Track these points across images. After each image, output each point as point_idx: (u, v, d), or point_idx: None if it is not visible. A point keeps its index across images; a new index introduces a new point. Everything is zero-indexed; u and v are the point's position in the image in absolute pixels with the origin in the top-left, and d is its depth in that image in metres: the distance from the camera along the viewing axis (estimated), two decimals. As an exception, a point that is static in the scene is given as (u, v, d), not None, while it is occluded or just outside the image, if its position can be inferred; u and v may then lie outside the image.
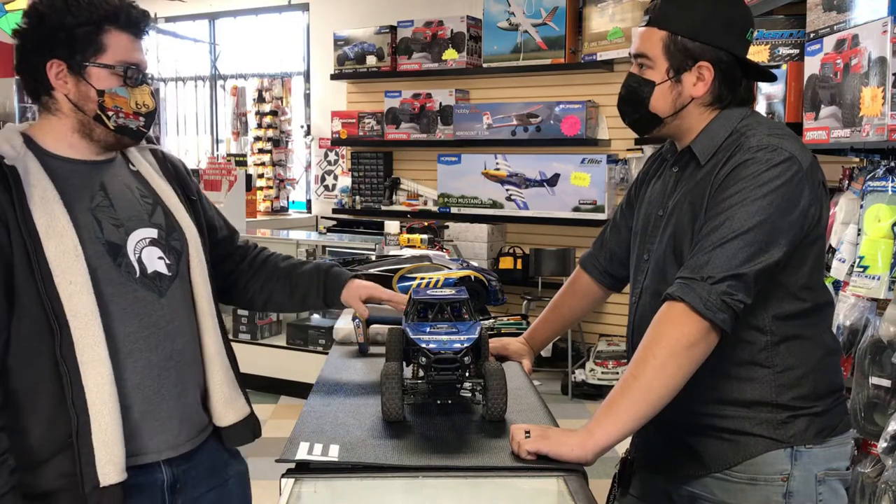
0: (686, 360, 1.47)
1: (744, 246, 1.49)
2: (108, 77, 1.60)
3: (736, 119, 1.65)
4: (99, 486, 1.50)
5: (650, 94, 1.66)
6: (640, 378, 1.47)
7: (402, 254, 2.52)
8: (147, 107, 1.65)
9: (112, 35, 1.59)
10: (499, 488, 1.43)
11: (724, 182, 1.55)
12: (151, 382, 1.63)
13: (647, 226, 1.76)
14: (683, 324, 1.47)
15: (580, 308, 2.07)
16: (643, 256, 1.75)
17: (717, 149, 1.62)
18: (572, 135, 5.56)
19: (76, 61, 1.58)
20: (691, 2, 1.65)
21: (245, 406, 1.81)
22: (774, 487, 1.59)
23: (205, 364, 1.75)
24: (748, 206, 1.50)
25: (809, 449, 1.60)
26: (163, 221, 1.70)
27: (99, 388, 1.51)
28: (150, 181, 1.74)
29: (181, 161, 1.89)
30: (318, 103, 7.25)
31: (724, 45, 1.63)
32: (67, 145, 1.63)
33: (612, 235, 1.98)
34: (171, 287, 1.68)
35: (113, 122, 1.61)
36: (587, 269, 2.02)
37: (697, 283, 1.48)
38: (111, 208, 1.63)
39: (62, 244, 1.51)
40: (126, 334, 1.60)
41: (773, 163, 1.52)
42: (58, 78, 1.58)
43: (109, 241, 1.60)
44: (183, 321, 1.70)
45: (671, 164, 1.76)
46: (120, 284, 1.60)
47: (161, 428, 1.65)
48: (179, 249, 1.71)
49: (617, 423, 1.47)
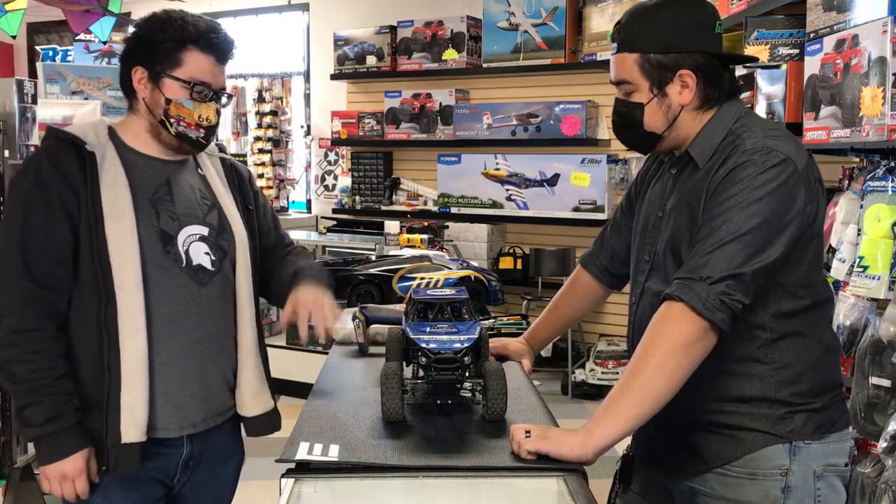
0: (685, 359, 1.48)
1: (742, 247, 1.50)
2: (179, 89, 1.80)
3: (730, 119, 1.65)
4: (120, 442, 1.72)
5: (641, 115, 1.67)
6: (640, 377, 1.48)
7: (402, 254, 2.53)
8: (209, 121, 1.84)
9: (192, 54, 1.80)
10: (499, 488, 1.43)
11: (721, 184, 1.56)
12: (178, 362, 1.81)
13: (647, 226, 1.77)
14: (682, 323, 1.49)
15: (581, 307, 2.08)
16: (643, 257, 1.76)
17: (714, 151, 1.63)
18: (572, 135, 5.56)
19: (155, 71, 1.80)
20: (652, 17, 1.65)
21: (270, 400, 1.96)
22: (773, 482, 1.60)
23: (238, 356, 1.91)
24: (745, 208, 1.51)
25: (808, 444, 1.61)
26: (215, 222, 1.89)
27: (133, 354, 1.73)
28: (213, 185, 1.94)
29: (249, 172, 2.10)
30: (318, 103, 7.25)
31: (696, 48, 1.63)
32: (143, 143, 1.85)
33: (612, 234, 1.98)
34: (211, 281, 1.86)
35: (174, 129, 1.82)
36: (588, 268, 2.03)
37: (696, 283, 1.49)
38: (171, 202, 1.83)
39: (121, 223, 1.74)
40: (162, 315, 1.78)
41: (769, 165, 1.53)
42: (139, 83, 1.82)
43: (163, 230, 1.80)
44: (218, 312, 1.88)
45: (669, 165, 1.77)
46: (165, 269, 1.79)
47: (184, 404, 1.83)
48: (226, 249, 1.90)
49: (617, 423, 1.48)
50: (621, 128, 1.73)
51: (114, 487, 1.79)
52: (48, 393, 1.70)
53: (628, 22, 1.67)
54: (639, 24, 1.65)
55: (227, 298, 1.90)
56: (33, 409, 1.70)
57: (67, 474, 1.72)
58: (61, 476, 1.72)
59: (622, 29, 1.67)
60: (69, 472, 1.72)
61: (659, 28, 1.63)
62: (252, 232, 1.97)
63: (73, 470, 1.72)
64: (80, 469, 1.72)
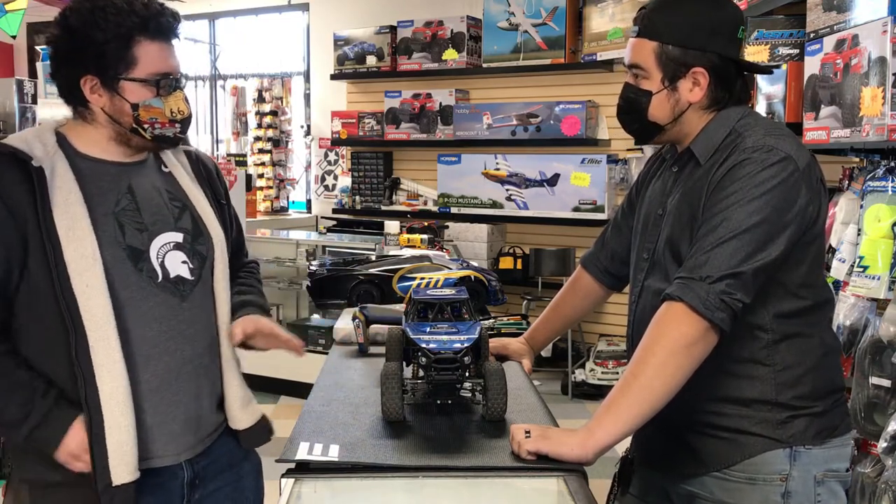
0: (685, 359, 1.48)
1: (741, 245, 1.49)
2: (141, 90, 1.61)
3: (734, 119, 1.65)
4: (111, 485, 1.54)
5: (648, 103, 1.67)
6: (641, 377, 1.48)
7: (402, 254, 2.53)
8: (182, 113, 1.66)
9: (142, 46, 1.59)
10: (499, 488, 1.43)
11: (720, 182, 1.55)
12: (169, 386, 1.66)
13: (647, 225, 1.76)
14: (683, 323, 1.48)
15: (581, 308, 2.07)
16: (643, 255, 1.76)
17: (716, 149, 1.63)
18: (572, 135, 5.56)
19: (109, 76, 1.59)
20: (677, 9, 1.65)
21: (258, 409, 1.83)
22: (773, 487, 1.59)
23: (222, 368, 1.77)
24: (745, 206, 1.51)
25: (809, 449, 1.60)
26: (189, 226, 1.71)
27: (113, 389, 1.55)
28: (181, 183, 1.75)
29: (213, 162, 1.90)
30: (318, 103, 7.25)
31: (714, 49, 1.63)
32: (101, 149, 1.65)
33: (613, 235, 1.98)
34: (192, 292, 1.70)
35: (149, 133, 1.63)
36: (588, 269, 2.03)
37: (696, 282, 1.49)
38: (136, 212, 1.64)
39: (81, 247, 1.53)
40: (145, 338, 1.62)
41: (770, 163, 1.53)
42: (92, 92, 1.60)
43: (131, 246, 1.62)
44: (203, 326, 1.72)
45: (671, 164, 1.76)
46: (140, 289, 1.62)
47: (180, 431, 1.68)
48: (204, 254, 1.73)
49: (617, 423, 1.47)
50: (625, 112, 1.73)
51: None
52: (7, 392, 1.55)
53: (654, 9, 1.66)
54: (664, 13, 1.65)
55: (209, 309, 1.74)
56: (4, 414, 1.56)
57: (75, 451, 1.56)
58: (71, 456, 1.56)
59: (646, 14, 1.66)
60: (75, 449, 1.56)
61: (682, 22, 1.63)
62: (226, 230, 1.81)
63: (77, 444, 1.56)
64: (81, 437, 1.56)
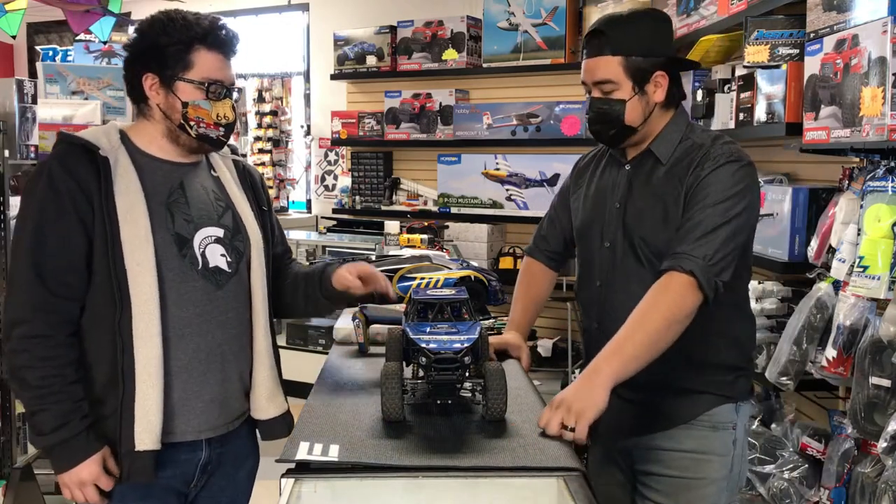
0: (681, 326, 1.72)
1: (729, 234, 1.78)
2: (193, 91, 1.80)
3: (683, 124, 1.96)
4: (133, 450, 1.71)
5: (623, 111, 1.91)
6: (647, 328, 1.68)
7: (402, 254, 2.53)
8: (227, 118, 1.85)
9: (200, 54, 1.80)
10: (499, 488, 1.43)
11: (702, 182, 1.83)
12: (198, 365, 1.81)
13: (603, 215, 2.01)
14: (687, 295, 1.72)
15: (545, 289, 2.33)
16: (604, 244, 2.00)
17: (674, 149, 1.92)
18: (572, 135, 5.56)
19: (166, 76, 1.80)
20: (631, 24, 1.91)
21: (284, 402, 1.97)
22: (728, 433, 1.93)
23: (253, 358, 1.92)
24: (728, 202, 1.80)
25: (742, 405, 1.98)
26: (230, 223, 1.90)
27: (148, 360, 1.71)
28: (227, 187, 1.95)
29: (259, 174, 2.11)
30: (318, 103, 7.25)
31: (667, 53, 1.94)
32: (157, 147, 1.85)
33: (549, 228, 2.29)
34: (229, 282, 1.87)
35: (194, 131, 1.82)
36: (537, 258, 2.31)
37: (699, 261, 1.73)
38: (185, 205, 1.83)
39: (136, 229, 1.73)
40: (180, 318, 1.79)
41: (741, 165, 1.85)
42: (151, 89, 1.81)
43: (178, 234, 1.80)
44: (236, 314, 1.88)
45: (623, 163, 2.01)
46: (181, 272, 1.79)
47: (203, 409, 1.83)
48: (242, 251, 1.90)
49: (623, 361, 1.66)
50: (600, 122, 1.95)
51: (129, 497, 1.78)
52: (56, 400, 1.70)
53: (610, 29, 1.90)
54: (622, 29, 1.90)
55: (243, 300, 1.90)
56: (42, 416, 1.70)
57: (84, 480, 1.71)
58: (79, 483, 1.72)
59: (604, 34, 1.90)
60: (86, 478, 1.71)
61: (640, 34, 1.91)
62: (266, 233, 1.97)
63: (89, 475, 1.71)
64: (96, 473, 1.72)
